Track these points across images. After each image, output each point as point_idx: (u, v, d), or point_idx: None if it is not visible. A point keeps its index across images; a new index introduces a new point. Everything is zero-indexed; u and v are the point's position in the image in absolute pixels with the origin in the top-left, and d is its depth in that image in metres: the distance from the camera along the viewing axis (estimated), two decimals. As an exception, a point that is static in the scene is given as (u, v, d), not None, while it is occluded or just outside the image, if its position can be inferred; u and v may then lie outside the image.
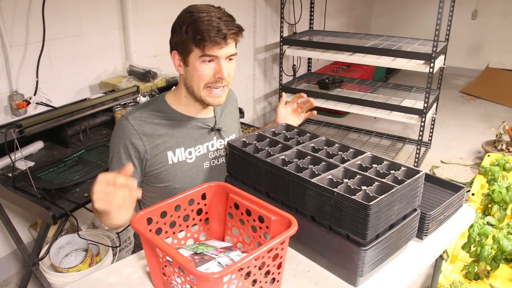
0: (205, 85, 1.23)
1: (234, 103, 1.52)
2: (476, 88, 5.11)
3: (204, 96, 1.25)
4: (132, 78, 2.32)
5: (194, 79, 1.23)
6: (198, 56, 1.19)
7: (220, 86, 1.25)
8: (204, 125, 1.36)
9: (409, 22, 5.78)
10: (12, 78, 2.00)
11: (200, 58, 1.19)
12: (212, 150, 1.38)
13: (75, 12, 2.22)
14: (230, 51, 1.21)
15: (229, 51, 1.21)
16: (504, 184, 2.12)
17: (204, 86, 1.24)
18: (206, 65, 1.20)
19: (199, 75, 1.22)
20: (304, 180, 1.06)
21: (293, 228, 0.94)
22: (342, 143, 1.27)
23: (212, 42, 1.16)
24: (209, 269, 0.95)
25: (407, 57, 3.02)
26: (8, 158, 1.68)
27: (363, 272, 1.01)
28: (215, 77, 1.22)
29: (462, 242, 1.88)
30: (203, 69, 1.21)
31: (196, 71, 1.22)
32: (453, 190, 1.37)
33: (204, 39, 1.16)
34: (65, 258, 2.02)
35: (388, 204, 0.99)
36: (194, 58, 1.20)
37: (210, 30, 1.15)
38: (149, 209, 1.02)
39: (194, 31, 1.16)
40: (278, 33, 3.66)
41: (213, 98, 1.26)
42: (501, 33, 5.33)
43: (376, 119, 4.03)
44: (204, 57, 1.19)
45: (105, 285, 1.05)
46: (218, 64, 1.21)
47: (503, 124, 3.40)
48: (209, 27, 1.15)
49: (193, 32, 1.16)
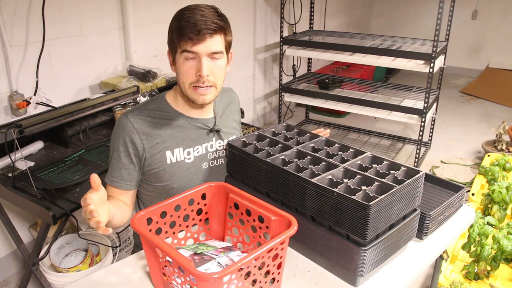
0: (189, 84, 1.24)
1: (236, 105, 1.51)
2: (476, 88, 5.11)
3: (190, 94, 1.26)
4: (132, 78, 2.32)
5: (179, 77, 1.25)
6: (180, 53, 1.21)
7: (203, 87, 1.23)
8: (203, 126, 1.36)
9: (409, 22, 5.78)
10: (12, 78, 2.00)
11: (182, 55, 1.21)
12: (211, 151, 1.38)
13: (75, 12, 2.22)
14: (211, 48, 1.19)
15: (209, 48, 1.19)
16: (504, 184, 2.12)
17: (189, 85, 1.24)
18: (188, 62, 1.21)
19: (182, 73, 1.23)
20: (304, 180, 1.06)
21: (293, 228, 0.94)
22: (342, 143, 1.27)
23: (187, 37, 1.17)
24: (209, 269, 0.95)
25: (407, 57, 3.02)
26: (8, 158, 1.68)
27: (363, 272, 1.01)
28: (196, 75, 1.22)
29: (462, 242, 1.88)
30: (185, 66, 1.22)
31: (179, 69, 1.23)
32: (453, 190, 1.37)
33: (181, 34, 1.18)
34: (65, 258, 2.02)
35: (388, 204, 0.99)
36: (178, 55, 1.22)
37: (187, 26, 1.17)
38: (149, 209, 1.02)
39: (176, 28, 1.20)
40: (278, 33, 3.66)
41: (197, 95, 1.25)
42: (501, 33, 5.33)
43: (376, 119, 4.03)
44: (184, 54, 1.20)
45: (105, 285, 1.05)
46: (198, 61, 1.21)
47: (503, 124, 3.40)
48: (187, 23, 1.17)
49: (176, 29, 1.20)
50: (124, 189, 1.30)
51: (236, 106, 1.52)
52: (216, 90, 1.27)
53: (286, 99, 3.59)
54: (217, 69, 1.23)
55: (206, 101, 1.27)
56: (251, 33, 3.62)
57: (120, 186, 1.29)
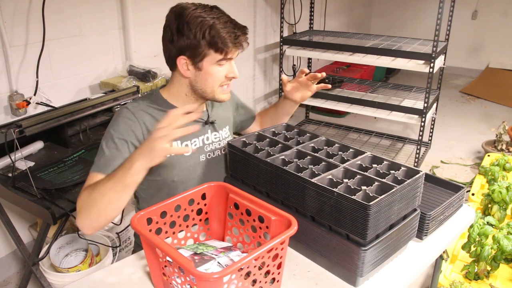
0: (219, 86, 1.28)
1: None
2: (476, 88, 5.11)
3: (218, 94, 1.30)
4: (132, 78, 2.33)
5: (208, 82, 1.27)
6: (216, 60, 1.23)
7: (229, 83, 1.31)
8: (199, 119, 1.37)
9: (409, 22, 5.78)
10: (12, 78, 2.00)
11: (217, 62, 1.23)
12: (208, 143, 1.40)
13: (75, 12, 2.22)
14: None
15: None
16: (504, 184, 2.12)
17: (218, 87, 1.28)
18: (221, 67, 1.25)
19: (215, 78, 1.26)
20: (304, 180, 1.06)
21: (293, 228, 0.94)
22: (342, 143, 1.27)
23: (235, 47, 1.23)
24: (209, 269, 0.95)
25: (407, 57, 3.02)
26: (8, 158, 1.68)
27: (363, 272, 1.01)
28: (227, 77, 1.28)
29: (462, 242, 1.88)
30: (219, 72, 1.26)
31: (211, 75, 1.25)
32: (453, 190, 1.37)
33: (227, 45, 1.20)
34: (65, 258, 2.02)
35: (388, 204, 0.99)
36: (209, 62, 1.23)
37: (230, 35, 1.20)
38: (149, 209, 1.02)
39: (213, 37, 1.19)
40: (278, 33, 3.66)
41: (226, 94, 1.32)
42: (501, 33, 5.33)
43: (376, 119, 4.03)
44: (222, 61, 1.24)
45: (105, 285, 1.05)
46: (230, 65, 1.27)
47: (503, 124, 3.40)
48: (229, 33, 1.20)
49: (211, 38, 1.19)
50: None
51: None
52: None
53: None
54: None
55: (230, 97, 1.36)
56: (251, 33, 3.62)
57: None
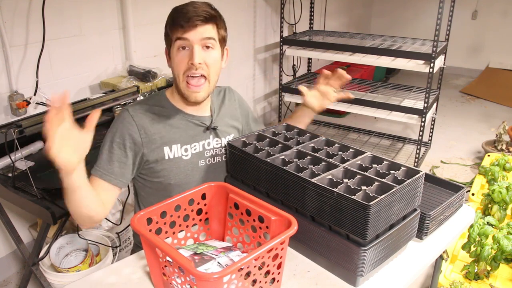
0: (183, 75, 1.25)
1: (234, 103, 1.51)
2: (476, 88, 5.11)
3: (183, 89, 1.27)
4: (132, 78, 2.32)
5: (174, 70, 1.27)
6: (174, 42, 1.24)
7: (196, 74, 1.24)
8: (200, 123, 1.37)
9: (409, 22, 5.78)
10: (12, 78, 2.00)
11: (175, 44, 1.24)
12: (208, 149, 1.38)
13: (75, 12, 2.22)
14: (203, 34, 1.22)
15: (200, 35, 1.22)
16: (504, 184, 2.12)
17: (183, 77, 1.26)
18: (181, 52, 1.24)
19: (176, 64, 1.26)
20: (304, 180, 1.06)
21: (293, 228, 0.94)
22: (342, 143, 1.27)
23: (179, 25, 1.22)
24: (209, 269, 0.95)
25: (407, 57, 3.01)
26: (8, 158, 1.68)
27: (363, 272, 1.01)
28: (188, 64, 1.24)
29: (462, 242, 1.88)
30: (178, 56, 1.24)
31: (174, 60, 1.26)
32: (453, 190, 1.37)
33: (174, 23, 1.23)
34: (65, 258, 2.02)
35: (388, 204, 0.99)
36: (173, 47, 1.25)
37: (179, 16, 1.22)
38: (149, 209, 1.02)
39: (169, 20, 1.25)
40: (278, 33, 3.66)
41: (190, 91, 1.27)
42: (501, 33, 5.33)
43: (376, 119, 4.03)
44: (177, 42, 1.23)
45: (105, 285, 1.05)
46: (191, 50, 1.23)
47: (503, 124, 3.40)
48: (179, 13, 1.22)
49: (169, 22, 1.25)
50: (112, 183, 1.25)
51: (234, 104, 1.51)
52: (209, 86, 1.28)
53: (286, 99, 3.59)
54: (210, 60, 1.25)
55: (198, 98, 1.29)
56: (251, 33, 3.62)
57: (109, 180, 1.24)
